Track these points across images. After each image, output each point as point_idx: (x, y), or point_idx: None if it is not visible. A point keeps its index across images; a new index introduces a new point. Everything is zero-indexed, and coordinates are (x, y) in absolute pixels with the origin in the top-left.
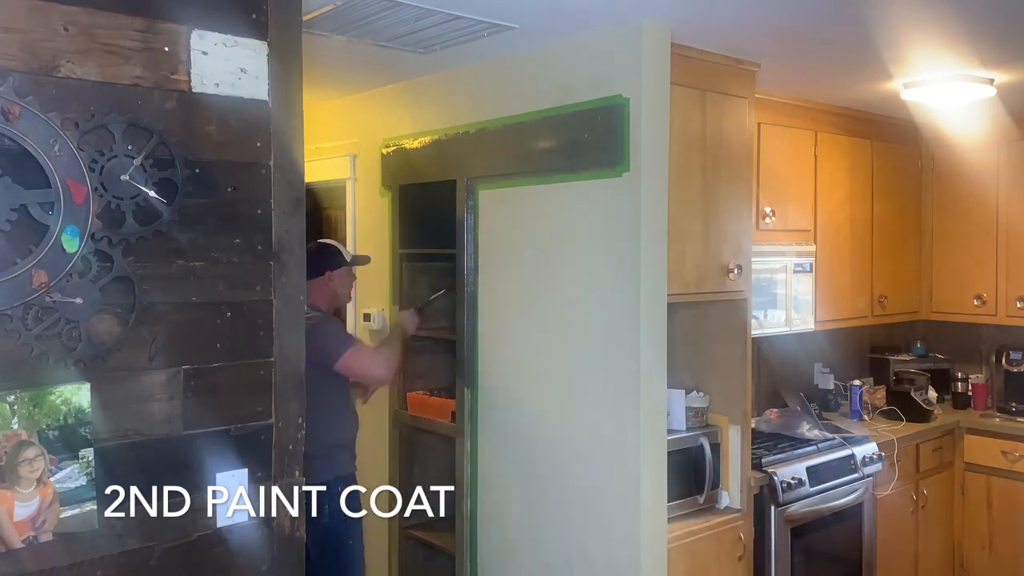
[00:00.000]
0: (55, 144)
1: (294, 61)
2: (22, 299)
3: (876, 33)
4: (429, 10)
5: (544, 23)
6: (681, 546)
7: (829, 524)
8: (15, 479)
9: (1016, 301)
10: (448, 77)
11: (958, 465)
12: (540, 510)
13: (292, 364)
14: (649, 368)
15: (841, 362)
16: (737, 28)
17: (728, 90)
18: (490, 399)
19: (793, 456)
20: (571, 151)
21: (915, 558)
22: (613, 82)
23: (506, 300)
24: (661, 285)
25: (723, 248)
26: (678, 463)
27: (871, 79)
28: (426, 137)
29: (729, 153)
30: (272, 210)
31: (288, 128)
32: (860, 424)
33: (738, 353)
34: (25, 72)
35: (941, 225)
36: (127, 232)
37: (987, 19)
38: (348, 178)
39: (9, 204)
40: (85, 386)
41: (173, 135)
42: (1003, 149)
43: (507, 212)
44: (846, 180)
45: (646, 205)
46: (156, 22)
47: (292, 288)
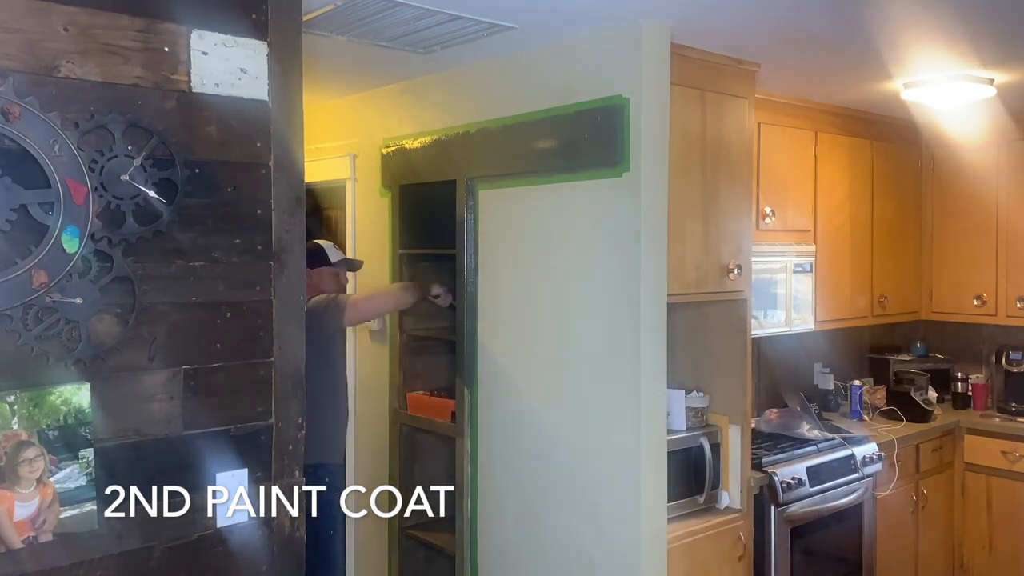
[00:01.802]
0: (55, 144)
1: (294, 61)
2: (22, 299)
3: (876, 33)
4: (429, 10)
5: (544, 23)
6: (681, 546)
7: (829, 524)
8: (15, 479)
9: (1016, 301)
10: (448, 77)
11: (958, 465)
12: (540, 510)
13: (292, 364)
14: (649, 368)
15: (841, 362)
16: (737, 28)
17: (728, 90)
18: (490, 399)
19: (793, 456)
20: (571, 151)
21: (915, 558)
22: (613, 82)
23: (506, 300)
24: (661, 285)
25: (723, 248)
26: (678, 463)
27: (871, 79)
28: (426, 137)
29: (729, 153)
30: (272, 210)
31: (288, 128)
32: (860, 424)
33: (738, 353)
34: (25, 72)
35: (941, 225)
36: (127, 232)
37: (987, 19)
38: (348, 178)
39: (9, 204)
40: (85, 386)
41: (173, 135)
42: (1003, 149)
43: (507, 212)
44: (846, 180)
45: (646, 205)
46: (156, 22)
47: (292, 288)
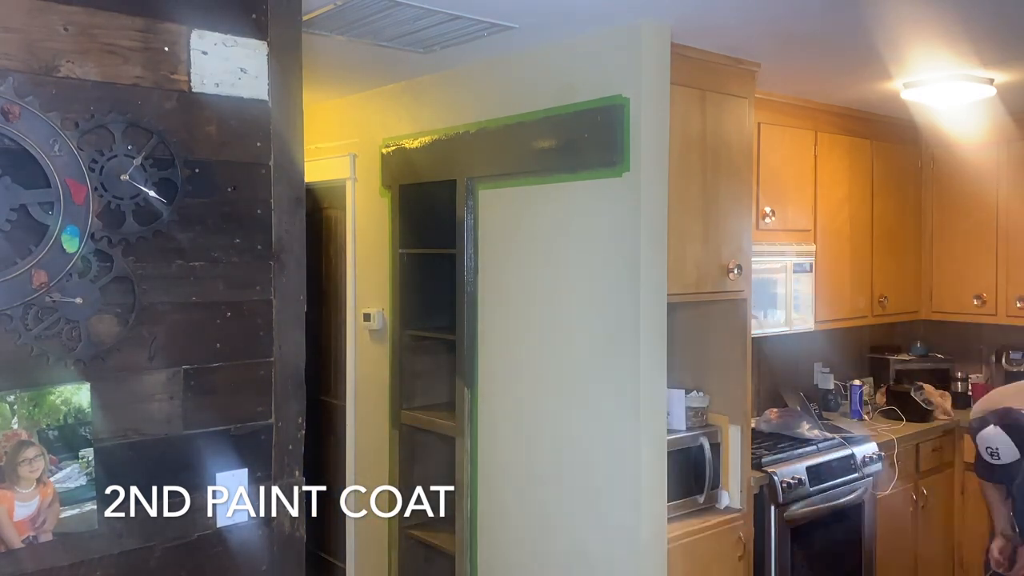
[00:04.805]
0: (55, 144)
1: (294, 61)
2: (22, 299)
3: (876, 33)
4: (429, 10)
5: (544, 23)
6: (681, 546)
7: (829, 524)
8: (15, 479)
9: (1016, 301)
10: (448, 77)
11: (958, 465)
12: (540, 510)
13: (292, 364)
14: (649, 368)
15: (841, 362)
16: (737, 28)
17: (728, 90)
18: (490, 399)
19: (793, 456)
20: (571, 151)
21: (915, 558)
22: (613, 82)
23: (506, 300)
24: (661, 285)
25: (723, 248)
26: (678, 463)
27: (871, 79)
28: (426, 137)
29: (729, 153)
30: (272, 210)
31: (288, 128)
32: (860, 424)
33: (738, 353)
34: (25, 72)
35: (941, 225)
36: (127, 232)
37: (987, 19)
38: (348, 178)
39: (9, 204)
40: (85, 386)
41: (173, 135)
42: (1003, 149)
43: (507, 212)
44: (846, 180)
45: (646, 205)
46: (156, 22)
47: (292, 288)
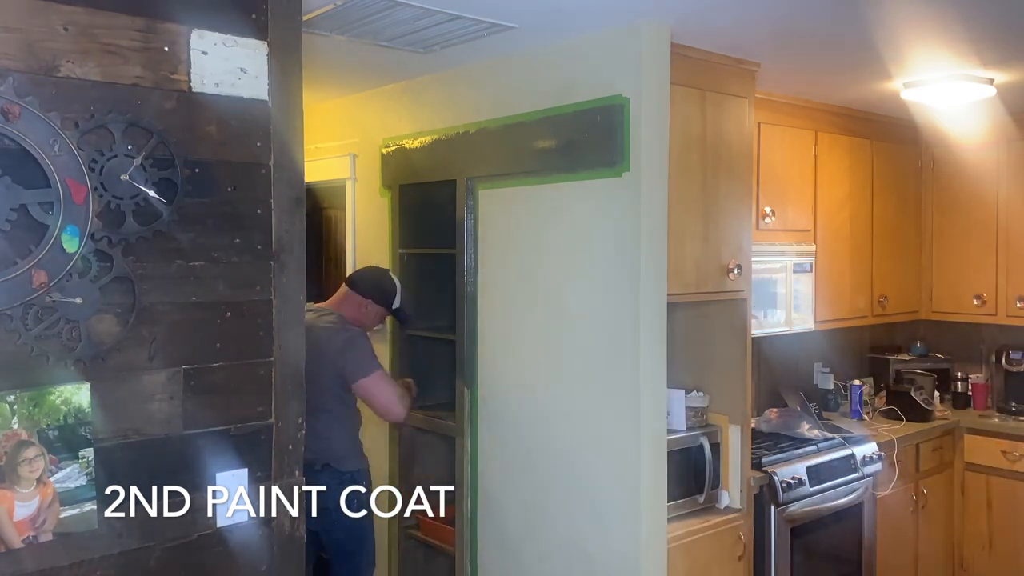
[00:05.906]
0: (55, 144)
1: (294, 61)
2: (22, 299)
3: (876, 33)
4: (429, 10)
5: (544, 23)
6: (681, 546)
7: (829, 524)
8: (15, 479)
9: (1016, 301)
10: (448, 77)
11: (958, 465)
12: (540, 510)
13: (292, 364)
14: (649, 368)
15: (841, 362)
16: (737, 28)
17: (728, 90)
18: (490, 399)
19: (793, 456)
20: (571, 151)
21: (915, 558)
22: (613, 82)
23: (506, 300)
24: (661, 285)
25: (723, 248)
26: (678, 463)
27: (871, 79)
28: (426, 137)
29: (729, 153)
30: (272, 210)
31: (288, 128)
32: (860, 424)
33: (738, 353)
34: (25, 72)
35: (941, 225)
36: (127, 232)
37: (987, 19)
38: (348, 178)
39: (9, 204)
40: (85, 386)
41: (173, 135)
42: (1003, 149)
43: (507, 212)
44: (846, 180)
45: (646, 205)
46: (156, 22)
47: (292, 288)
